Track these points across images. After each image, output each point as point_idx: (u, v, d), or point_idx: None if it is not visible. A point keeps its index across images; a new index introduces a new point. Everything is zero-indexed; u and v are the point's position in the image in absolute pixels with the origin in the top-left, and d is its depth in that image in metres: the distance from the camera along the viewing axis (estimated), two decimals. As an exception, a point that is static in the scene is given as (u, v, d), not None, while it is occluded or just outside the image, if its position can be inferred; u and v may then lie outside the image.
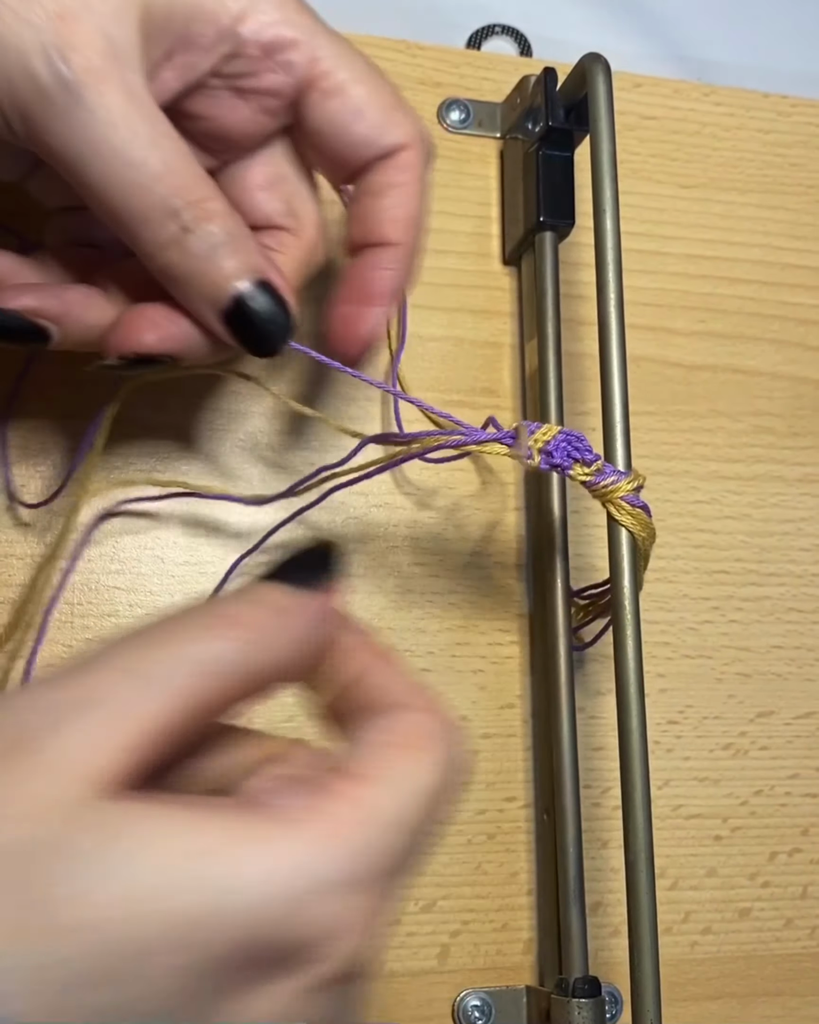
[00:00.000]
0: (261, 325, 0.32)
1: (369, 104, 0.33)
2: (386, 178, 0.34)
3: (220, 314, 0.31)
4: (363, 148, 0.34)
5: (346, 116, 0.33)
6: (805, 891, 0.45)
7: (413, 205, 0.34)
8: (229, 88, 0.32)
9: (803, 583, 0.48)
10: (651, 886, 0.35)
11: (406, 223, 0.34)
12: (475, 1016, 0.41)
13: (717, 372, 0.49)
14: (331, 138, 0.34)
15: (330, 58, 0.33)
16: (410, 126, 0.34)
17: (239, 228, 0.31)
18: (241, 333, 0.32)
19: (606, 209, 0.39)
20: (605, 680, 0.44)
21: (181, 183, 0.30)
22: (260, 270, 0.31)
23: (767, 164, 0.51)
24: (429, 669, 0.43)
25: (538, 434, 0.35)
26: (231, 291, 0.31)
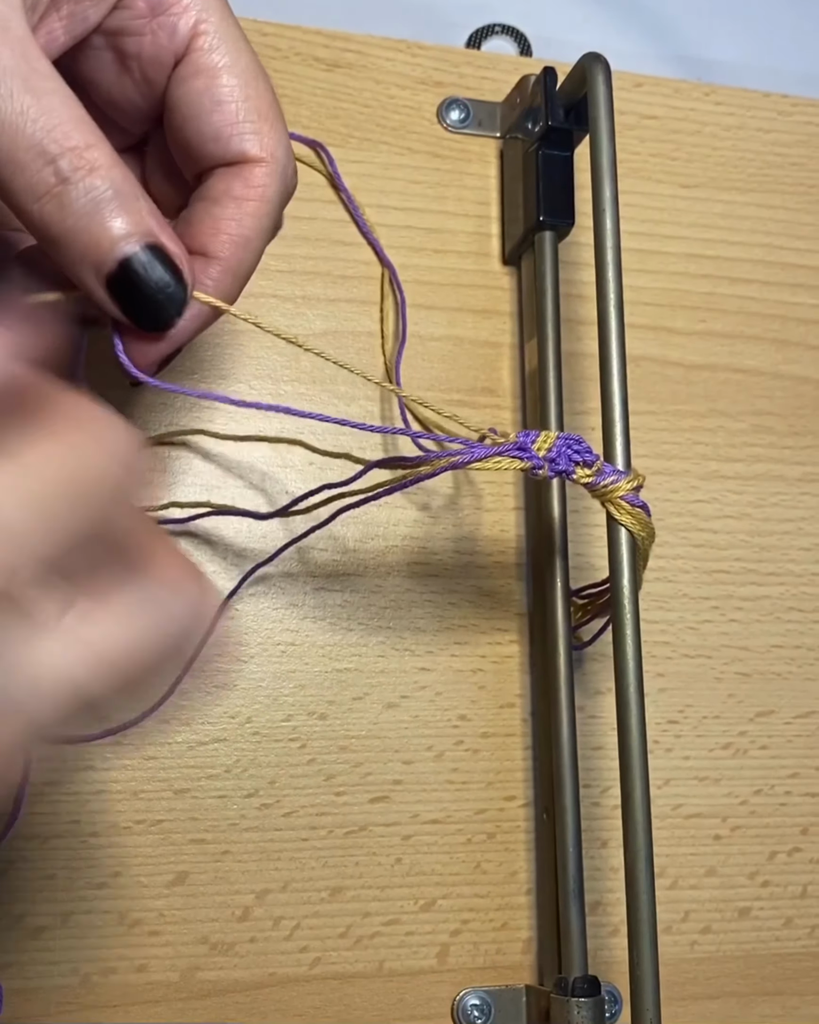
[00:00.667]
0: (150, 294, 0.28)
1: (235, 100, 0.30)
2: (226, 187, 0.30)
3: (103, 280, 0.28)
4: (211, 143, 0.30)
5: (205, 102, 0.30)
6: (805, 890, 0.45)
7: (249, 224, 0.30)
8: (113, 51, 0.30)
9: (803, 582, 0.48)
10: (651, 885, 0.35)
11: (235, 241, 0.30)
12: (474, 1015, 0.41)
13: (717, 371, 0.49)
14: (183, 119, 0.30)
15: (213, 34, 0.30)
16: (274, 143, 0.30)
17: (128, 183, 0.28)
18: (127, 302, 0.28)
19: (606, 209, 0.39)
20: (605, 679, 0.44)
21: (58, 125, 0.26)
22: (151, 232, 0.28)
23: (767, 164, 0.51)
24: (428, 668, 0.43)
25: (539, 442, 0.34)
26: (117, 253, 0.27)
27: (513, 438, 0.34)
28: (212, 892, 0.40)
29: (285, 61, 0.46)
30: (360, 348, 0.45)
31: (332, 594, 0.43)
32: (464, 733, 0.43)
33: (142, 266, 0.28)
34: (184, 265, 0.29)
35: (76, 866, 0.39)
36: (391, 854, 0.41)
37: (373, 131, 0.47)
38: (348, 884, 0.41)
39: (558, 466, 0.34)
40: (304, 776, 0.41)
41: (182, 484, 0.42)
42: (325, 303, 0.45)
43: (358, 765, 0.42)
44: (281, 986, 0.40)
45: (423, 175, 0.47)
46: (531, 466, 0.34)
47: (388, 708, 0.42)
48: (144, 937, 0.39)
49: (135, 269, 0.28)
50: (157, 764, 0.40)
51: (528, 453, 0.34)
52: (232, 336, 0.43)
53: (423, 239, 0.46)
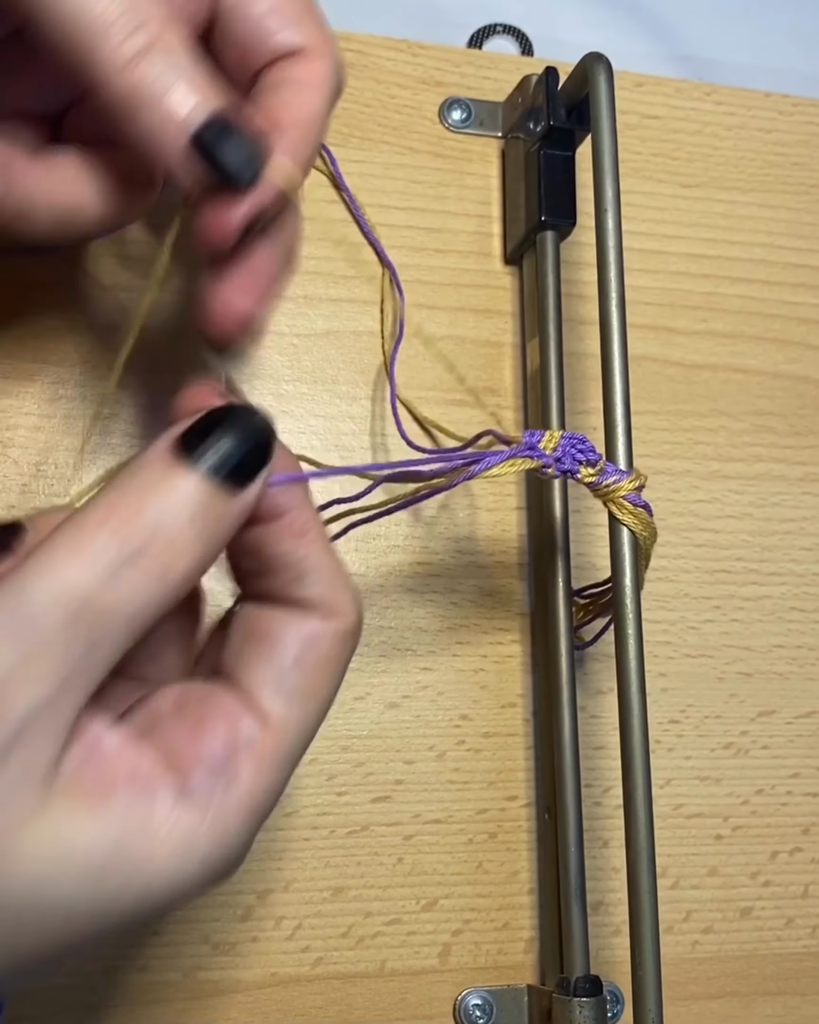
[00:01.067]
0: (240, 144, 0.29)
1: (287, 1, 0.31)
2: (284, 75, 0.31)
3: (191, 135, 0.28)
4: (269, 39, 0.31)
5: (260, 4, 0.31)
6: (806, 890, 0.45)
7: (312, 103, 0.31)
8: None
9: (805, 582, 0.48)
10: (652, 885, 0.35)
11: (303, 116, 0.31)
12: (476, 1015, 0.41)
13: (719, 371, 0.49)
14: (239, 22, 0.31)
15: None
16: (324, 36, 0.32)
17: (201, 59, 0.29)
18: (214, 156, 0.28)
19: (608, 208, 0.39)
20: (606, 679, 0.44)
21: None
22: (228, 102, 0.29)
23: (769, 163, 0.51)
24: (430, 668, 0.43)
25: (545, 441, 0.34)
26: (204, 109, 0.28)
27: (520, 439, 0.34)
28: (214, 892, 0.40)
29: (286, 61, 0.46)
30: (362, 348, 0.45)
31: (334, 594, 0.43)
32: (466, 733, 0.43)
33: (230, 117, 0.28)
34: (259, 129, 0.29)
35: (78, 866, 0.39)
36: (393, 854, 0.41)
37: (374, 131, 0.47)
38: (350, 884, 0.41)
39: (563, 465, 0.34)
40: (306, 776, 0.41)
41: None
42: (327, 303, 0.45)
43: (360, 765, 0.42)
44: (283, 986, 0.40)
45: (424, 175, 0.47)
46: (541, 464, 0.34)
47: (390, 708, 0.42)
48: (146, 937, 0.39)
49: (224, 120, 0.28)
50: (159, 764, 0.40)
51: (538, 452, 0.34)
52: (234, 336, 0.43)
53: (424, 239, 0.46)
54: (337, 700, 0.42)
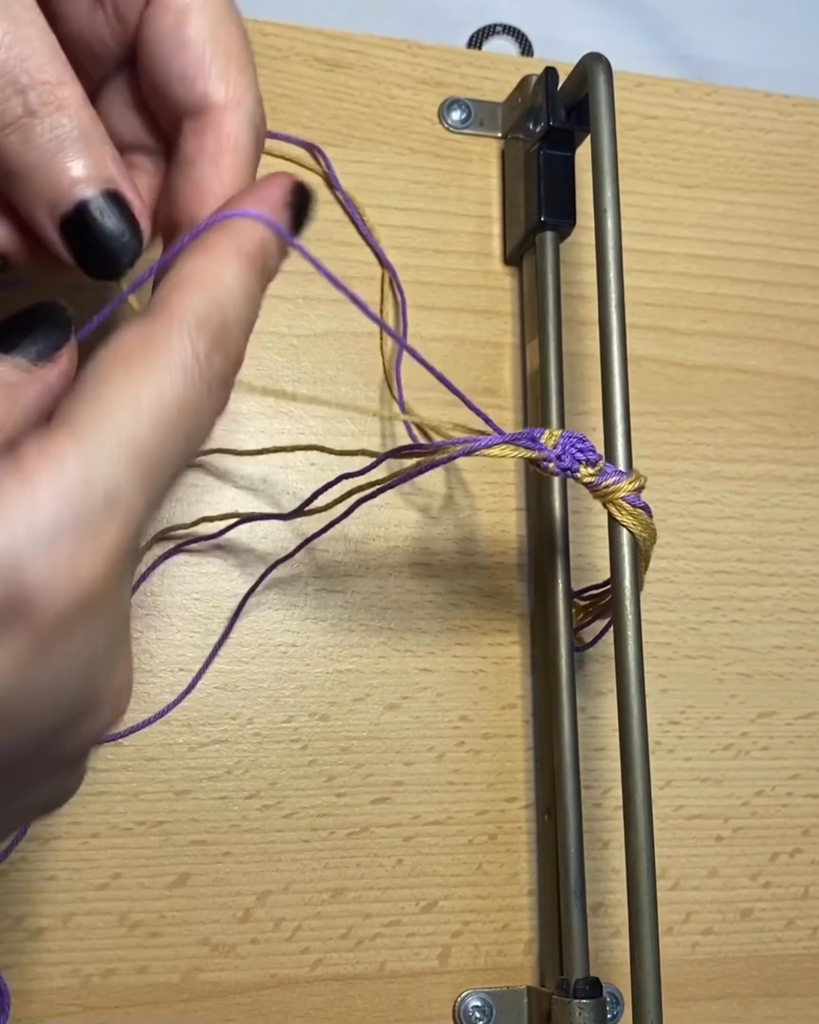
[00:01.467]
0: (103, 241, 0.27)
1: (203, 40, 0.29)
2: (198, 144, 0.29)
3: (57, 221, 0.27)
4: (177, 84, 0.29)
5: (173, 42, 0.29)
6: (806, 892, 0.45)
7: (229, 181, 0.29)
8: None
9: (805, 583, 0.47)
10: (652, 886, 0.35)
11: (220, 200, 0.29)
12: (476, 1017, 0.41)
13: (719, 372, 0.49)
14: (152, 61, 0.29)
15: None
16: (242, 88, 0.29)
17: (94, 127, 0.27)
18: (78, 247, 0.27)
19: (607, 209, 0.39)
20: (606, 680, 0.44)
21: (32, 56, 0.26)
22: (111, 179, 0.27)
23: (769, 164, 0.51)
24: (430, 669, 0.43)
25: (545, 437, 0.34)
26: (75, 196, 0.27)
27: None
28: (213, 893, 0.40)
29: (286, 61, 0.46)
30: (361, 348, 0.45)
31: (333, 595, 0.43)
32: (465, 734, 0.43)
33: (99, 211, 0.27)
34: (142, 216, 0.28)
35: (77, 867, 0.39)
36: (392, 855, 0.41)
37: (374, 131, 0.47)
38: (349, 885, 0.41)
39: (563, 463, 0.34)
40: (305, 777, 0.41)
41: (208, 500, 0.42)
42: (326, 303, 0.45)
43: (359, 766, 0.42)
44: (282, 988, 0.40)
45: (424, 175, 0.47)
46: (542, 456, 0.34)
47: (389, 709, 0.42)
48: (145, 938, 0.39)
49: (91, 214, 0.27)
50: (158, 765, 0.40)
51: (538, 444, 0.34)
52: (233, 337, 0.43)
53: (424, 239, 0.46)
54: (338, 701, 0.42)
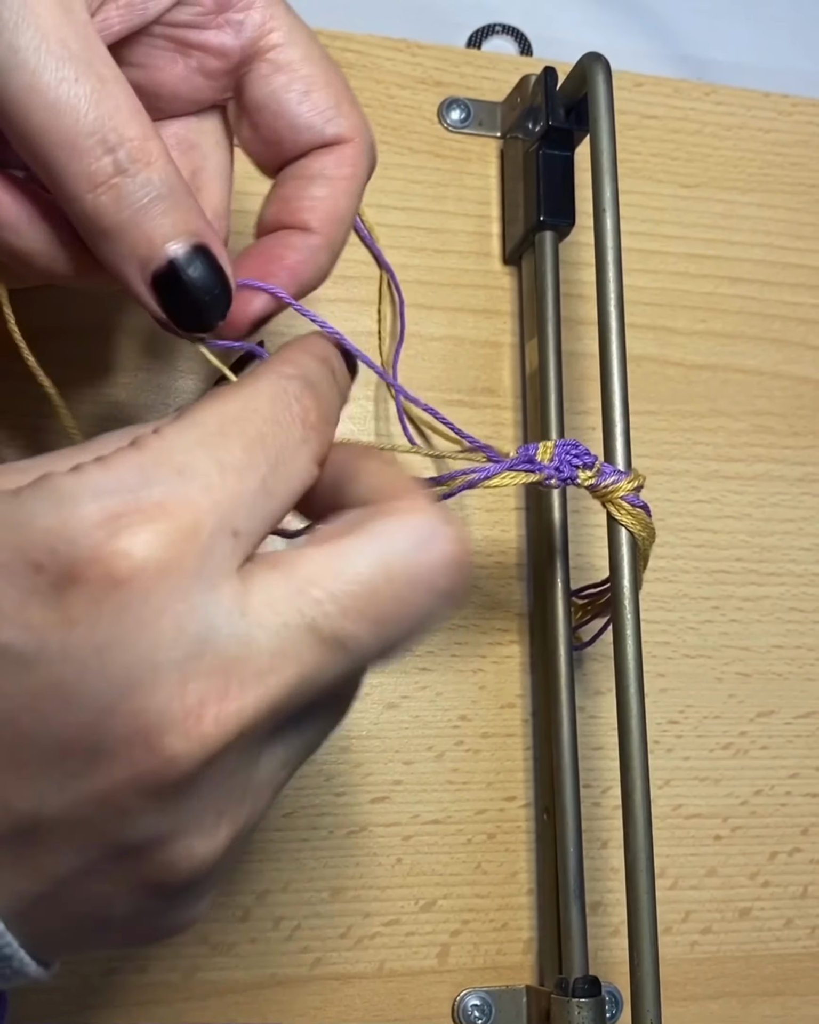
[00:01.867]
0: (195, 296, 0.28)
1: (318, 87, 0.31)
2: (321, 166, 0.31)
3: (149, 277, 0.27)
4: (305, 132, 0.31)
5: (292, 95, 0.30)
6: (805, 891, 0.45)
7: (344, 202, 0.31)
8: (171, 39, 0.30)
9: (803, 583, 0.48)
10: (651, 886, 0.35)
11: (331, 216, 0.31)
12: (475, 1016, 0.41)
13: (718, 371, 0.49)
14: (271, 116, 0.31)
15: (285, 31, 0.30)
16: (358, 120, 0.31)
17: (180, 180, 0.27)
18: (170, 302, 0.28)
19: (606, 208, 0.39)
20: (605, 679, 0.44)
21: (118, 113, 0.26)
22: (200, 233, 0.28)
23: (768, 163, 0.51)
24: (429, 668, 0.43)
25: (540, 453, 0.34)
26: (166, 252, 0.27)
27: (515, 454, 0.34)
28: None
29: (285, 61, 0.46)
30: (361, 348, 0.44)
31: (332, 594, 0.42)
32: (464, 733, 0.43)
33: (190, 267, 0.27)
34: (228, 268, 0.28)
35: (76, 866, 0.39)
36: (391, 854, 0.41)
37: (374, 131, 0.47)
38: (348, 884, 0.41)
39: (563, 474, 0.34)
40: (304, 776, 0.41)
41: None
42: (325, 303, 0.45)
43: (358, 765, 0.42)
44: (282, 986, 0.40)
45: (424, 175, 0.47)
46: (542, 477, 0.34)
47: (388, 708, 0.42)
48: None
49: (183, 270, 0.27)
50: (157, 764, 0.40)
51: (536, 465, 0.34)
52: (232, 336, 0.43)
53: (424, 239, 0.46)
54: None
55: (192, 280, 0.27)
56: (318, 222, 0.31)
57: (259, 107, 0.31)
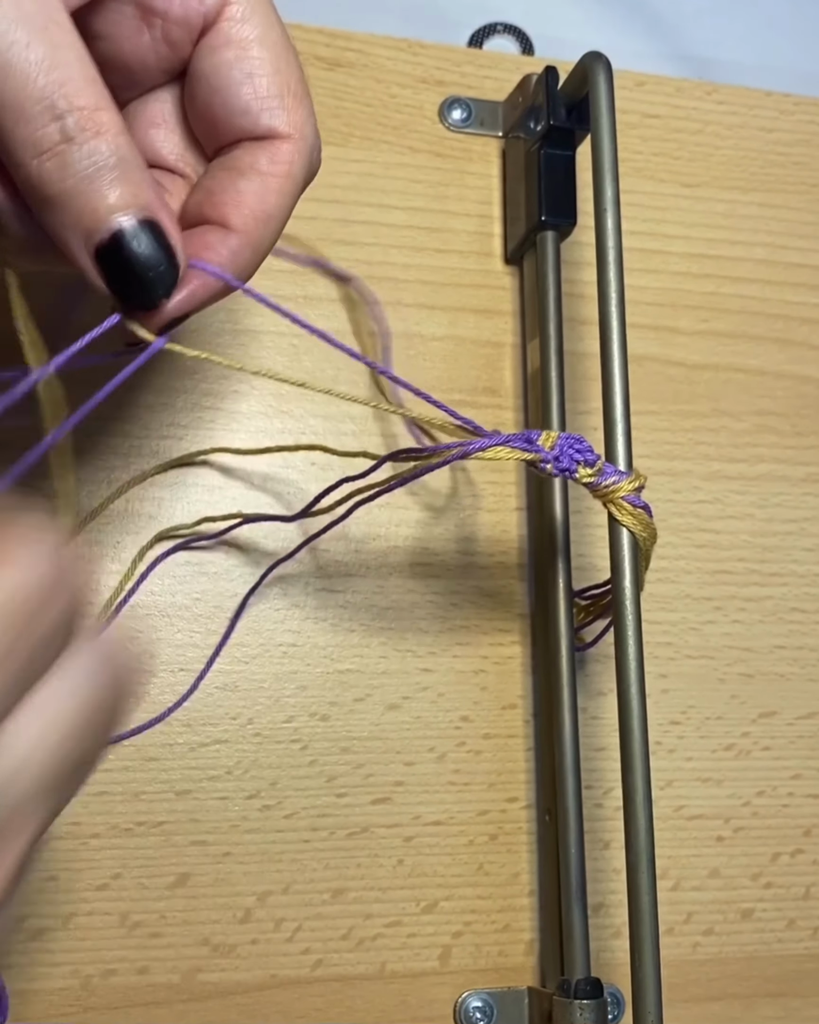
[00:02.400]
0: (140, 271, 0.27)
1: (265, 73, 0.29)
2: (253, 160, 0.29)
3: (93, 249, 0.27)
4: (239, 116, 0.29)
5: (235, 73, 0.29)
6: (808, 892, 0.45)
7: (273, 201, 0.29)
8: (136, 6, 0.29)
9: (806, 583, 0.47)
10: (653, 887, 0.35)
11: (257, 215, 0.29)
12: (477, 1017, 0.41)
13: (720, 371, 0.49)
14: (210, 91, 0.29)
15: (245, 6, 0.29)
16: (302, 118, 0.30)
17: (132, 153, 0.27)
18: (114, 276, 0.27)
19: (608, 208, 0.39)
20: (607, 680, 0.44)
21: (70, 80, 0.25)
22: (149, 207, 0.27)
23: (770, 163, 0.51)
24: (430, 669, 0.43)
25: (542, 439, 0.34)
26: (111, 224, 0.26)
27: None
28: (213, 894, 0.40)
29: (286, 60, 0.46)
30: (361, 348, 0.45)
31: (334, 595, 0.43)
32: (466, 734, 0.43)
33: (135, 241, 0.27)
34: (178, 245, 0.28)
35: (77, 868, 0.39)
36: (393, 856, 0.41)
37: (375, 130, 0.47)
38: (350, 886, 0.41)
39: (561, 464, 0.34)
40: (306, 777, 0.41)
41: (210, 500, 0.42)
42: (326, 303, 0.45)
43: (360, 766, 0.42)
44: (283, 988, 0.40)
45: (425, 174, 0.47)
46: (538, 458, 0.34)
47: (390, 709, 0.42)
48: (145, 939, 0.39)
49: (127, 243, 0.27)
50: (158, 766, 0.40)
51: (534, 446, 0.34)
52: (233, 336, 0.43)
53: (425, 238, 0.46)
54: (338, 701, 0.42)
55: (137, 254, 0.27)
56: (241, 220, 0.29)
57: (200, 79, 0.30)
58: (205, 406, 0.43)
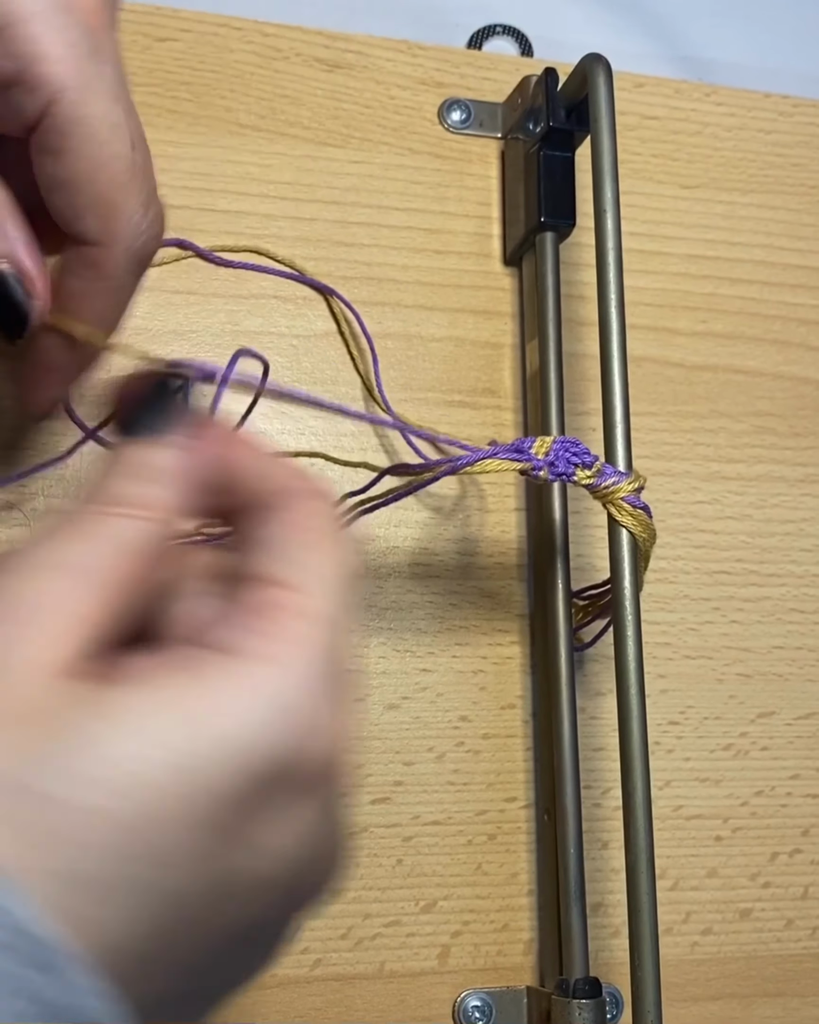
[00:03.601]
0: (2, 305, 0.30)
1: (78, 182, 0.29)
2: (72, 266, 0.31)
3: None
4: (58, 217, 0.30)
5: (50, 183, 0.30)
6: (806, 892, 0.45)
7: (100, 304, 0.31)
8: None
9: (804, 584, 0.48)
10: (652, 887, 0.35)
11: (92, 319, 0.31)
12: (475, 1017, 0.41)
13: (718, 372, 0.49)
14: (42, 191, 0.30)
15: (63, 117, 0.29)
16: (120, 224, 0.30)
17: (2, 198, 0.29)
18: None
19: (607, 209, 0.39)
20: (606, 680, 0.44)
21: None
22: (11, 255, 0.29)
23: (769, 164, 0.51)
24: (430, 669, 0.43)
25: (536, 446, 0.35)
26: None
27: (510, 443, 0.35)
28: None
29: (286, 62, 0.46)
30: (356, 351, 0.45)
31: (333, 595, 0.42)
32: (465, 734, 0.43)
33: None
34: (38, 288, 0.30)
35: (77, 867, 0.39)
36: (392, 855, 0.41)
37: (374, 132, 0.47)
38: (349, 885, 0.41)
39: (558, 468, 0.34)
40: (305, 777, 0.41)
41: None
42: (326, 303, 0.45)
43: (359, 766, 0.42)
44: (282, 987, 0.40)
45: (424, 176, 0.47)
46: (529, 466, 0.34)
47: (389, 709, 0.42)
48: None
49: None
50: (158, 765, 0.40)
51: (525, 455, 0.34)
52: (233, 337, 0.43)
53: (424, 240, 0.46)
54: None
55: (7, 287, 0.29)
56: (82, 316, 0.31)
57: (37, 175, 0.30)
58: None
